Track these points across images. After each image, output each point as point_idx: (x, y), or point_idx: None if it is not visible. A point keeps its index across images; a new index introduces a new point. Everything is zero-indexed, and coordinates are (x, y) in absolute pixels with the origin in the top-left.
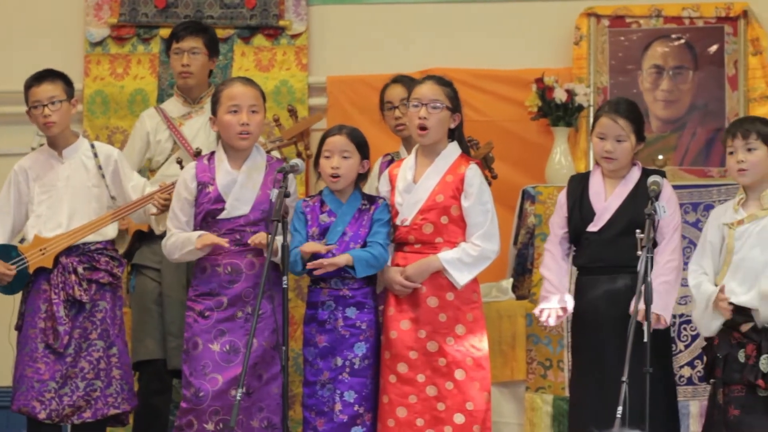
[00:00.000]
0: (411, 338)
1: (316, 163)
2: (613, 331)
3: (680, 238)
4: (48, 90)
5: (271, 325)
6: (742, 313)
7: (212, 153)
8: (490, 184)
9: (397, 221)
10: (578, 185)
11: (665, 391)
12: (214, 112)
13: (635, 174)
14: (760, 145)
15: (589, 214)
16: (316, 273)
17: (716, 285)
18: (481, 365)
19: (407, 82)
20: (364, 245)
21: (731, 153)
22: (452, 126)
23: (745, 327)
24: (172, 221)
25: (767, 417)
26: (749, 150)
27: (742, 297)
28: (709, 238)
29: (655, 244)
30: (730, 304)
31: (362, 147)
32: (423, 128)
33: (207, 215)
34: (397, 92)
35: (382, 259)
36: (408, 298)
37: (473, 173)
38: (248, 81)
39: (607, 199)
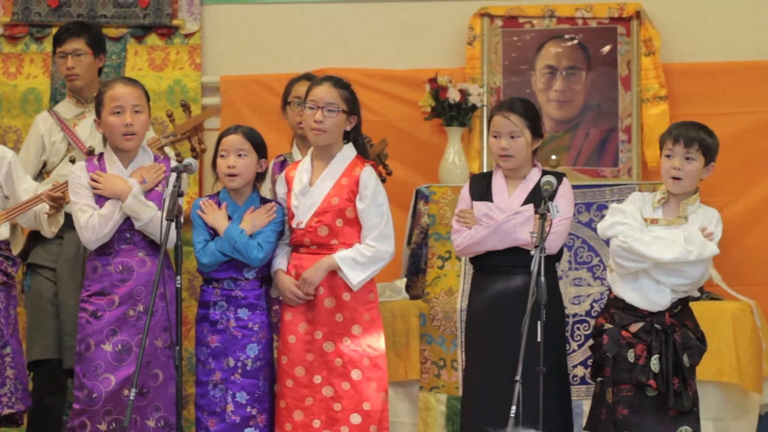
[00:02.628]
0: (308, 340)
1: (214, 164)
2: (508, 331)
3: (565, 228)
4: None
5: (163, 323)
6: (631, 312)
7: (101, 154)
8: (384, 180)
9: (293, 224)
10: (480, 184)
11: (559, 390)
12: (98, 113)
13: (535, 175)
14: (699, 156)
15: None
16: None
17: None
18: (377, 365)
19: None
20: None
21: (668, 156)
22: (348, 128)
23: (635, 327)
24: (84, 208)
25: (656, 416)
26: (688, 159)
27: (630, 295)
28: (629, 212)
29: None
30: (620, 300)
31: (259, 146)
32: (318, 131)
33: None
34: (305, 89)
35: (245, 250)
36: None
37: (368, 175)
38: (130, 81)
39: (508, 199)
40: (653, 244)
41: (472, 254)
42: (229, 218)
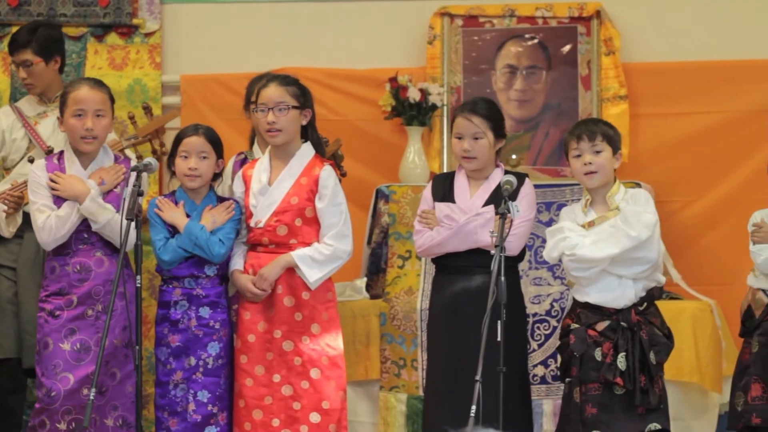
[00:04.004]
0: (267, 339)
1: (171, 162)
2: (469, 330)
3: (527, 230)
4: None
5: (123, 322)
6: (596, 311)
7: (61, 152)
8: (339, 181)
9: (251, 223)
10: (443, 184)
11: (519, 390)
12: (61, 112)
13: (498, 175)
14: (606, 146)
15: None
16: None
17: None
18: (336, 364)
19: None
20: None
21: (577, 156)
22: (304, 123)
23: (601, 326)
24: (42, 209)
25: (624, 414)
26: (596, 152)
27: (594, 295)
28: (566, 226)
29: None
30: (581, 302)
31: (217, 146)
32: (272, 132)
33: None
34: None
35: (207, 246)
36: (264, 298)
37: (327, 174)
38: (96, 83)
39: (470, 200)
40: (599, 243)
41: (434, 255)
42: (187, 216)
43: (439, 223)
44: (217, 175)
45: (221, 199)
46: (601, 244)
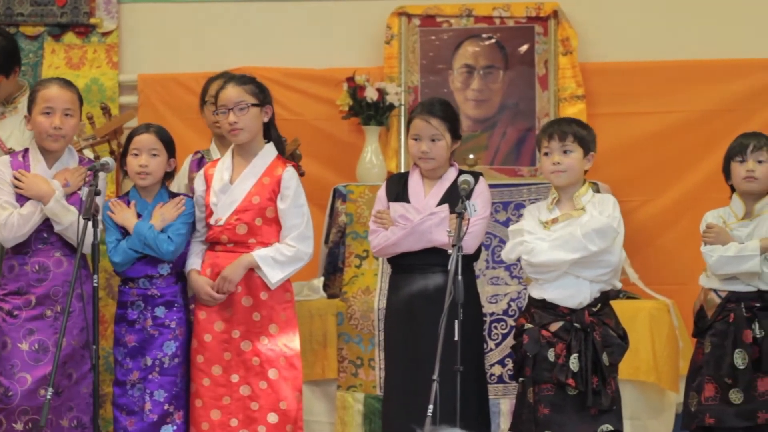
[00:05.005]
0: (225, 339)
1: (123, 162)
2: (426, 330)
3: (482, 228)
4: None
5: (81, 323)
6: (551, 311)
7: (26, 150)
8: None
9: (211, 221)
10: (397, 184)
11: (477, 389)
12: (29, 110)
13: (452, 174)
14: (576, 147)
15: None
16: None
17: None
18: (293, 364)
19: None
20: None
21: (546, 154)
22: (265, 119)
23: (555, 326)
24: (4, 205)
25: (577, 415)
26: (565, 152)
27: (553, 292)
28: (526, 228)
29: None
30: (541, 300)
31: (169, 145)
32: (234, 131)
33: None
34: None
35: (155, 245)
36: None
37: (290, 176)
38: (65, 83)
39: (425, 199)
40: (556, 250)
41: (389, 255)
42: (139, 216)
43: (393, 223)
44: (168, 175)
45: (173, 196)
46: (558, 251)
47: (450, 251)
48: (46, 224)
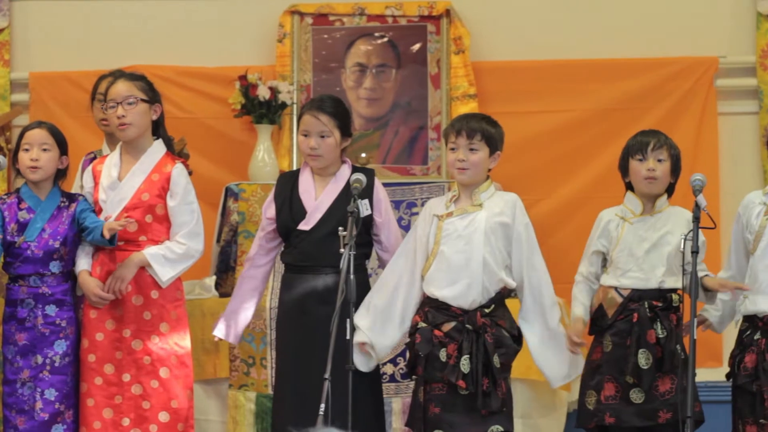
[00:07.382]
0: (116, 338)
1: (15, 159)
2: (318, 329)
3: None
4: None
5: None
6: (444, 311)
7: None
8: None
9: (101, 218)
10: (287, 183)
11: (370, 388)
12: None
13: (345, 172)
14: (483, 146)
15: (300, 213)
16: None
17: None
18: (184, 363)
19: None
20: (65, 241)
21: (453, 149)
22: (154, 117)
23: (447, 326)
24: None
25: (467, 415)
26: (471, 150)
27: (444, 291)
28: (418, 232)
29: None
30: (434, 300)
31: (61, 143)
32: (122, 126)
33: None
34: None
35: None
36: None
37: (179, 173)
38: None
39: (317, 198)
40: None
41: None
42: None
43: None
44: (60, 172)
45: (66, 195)
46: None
47: (342, 250)
48: None
